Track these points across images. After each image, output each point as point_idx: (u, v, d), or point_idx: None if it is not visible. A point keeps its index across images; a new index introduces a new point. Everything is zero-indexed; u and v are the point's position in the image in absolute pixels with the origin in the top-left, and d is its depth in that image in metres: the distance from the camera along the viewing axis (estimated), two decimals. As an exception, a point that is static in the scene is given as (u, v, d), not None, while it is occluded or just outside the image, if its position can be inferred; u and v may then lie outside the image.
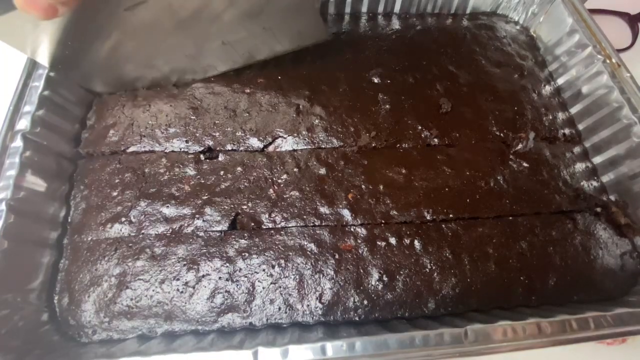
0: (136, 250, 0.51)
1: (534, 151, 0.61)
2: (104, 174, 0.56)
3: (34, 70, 0.55)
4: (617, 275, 0.54)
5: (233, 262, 0.50)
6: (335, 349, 0.40)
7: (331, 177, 0.57)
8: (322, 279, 0.50)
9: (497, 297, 0.50)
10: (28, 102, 0.53)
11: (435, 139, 0.61)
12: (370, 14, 0.76)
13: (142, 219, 0.53)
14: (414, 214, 0.54)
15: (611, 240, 0.56)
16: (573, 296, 0.52)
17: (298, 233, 0.52)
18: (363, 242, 0.52)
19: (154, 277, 0.49)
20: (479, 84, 0.68)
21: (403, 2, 0.75)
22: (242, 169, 0.57)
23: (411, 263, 0.51)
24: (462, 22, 0.77)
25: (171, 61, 0.60)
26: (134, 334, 0.47)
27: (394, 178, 0.57)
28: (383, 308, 0.49)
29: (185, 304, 0.48)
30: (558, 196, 0.58)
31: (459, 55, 0.71)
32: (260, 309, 0.48)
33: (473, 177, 0.58)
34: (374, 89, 0.65)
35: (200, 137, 0.59)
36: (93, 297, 0.49)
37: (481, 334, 0.41)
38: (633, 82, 0.59)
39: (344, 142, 0.60)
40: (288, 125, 0.61)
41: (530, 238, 0.54)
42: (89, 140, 0.59)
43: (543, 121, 0.65)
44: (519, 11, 0.78)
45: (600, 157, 0.62)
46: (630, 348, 0.56)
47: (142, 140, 0.58)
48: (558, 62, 0.70)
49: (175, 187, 0.55)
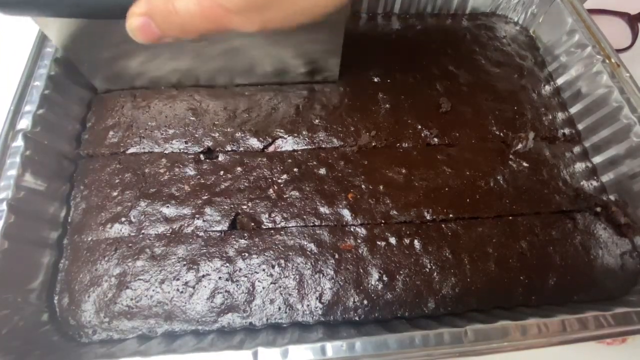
0: (136, 250, 0.51)
1: (533, 151, 0.61)
2: (104, 174, 0.56)
3: (35, 70, 0.55)
4: (617, 274, 0.54)
5: (233, 262, 0.50)
6: (335, 349, 0.40)
7: (331, 177, 0.57)
8: (322, 279, 0.50)
9: (497, 296, 0.50)
10: (29, 101, 0.53)
11: (435, 138, 0.61)
12: (369, 13, 0.77)
13: (142, 219, 0.53)
14: (414, 214, 0.54)
15: (611, 239, 0.56)
16: (573, 296, 0.52)
17: (298, 233, 0.53)
18: (363, 242, 0.52)
19: (154, 277, 0.49)
20: (479, 83, 0.68)
21: (403, 2, 0.75)
22: (242, 169, 0.57)
23: (411, 263, 0.51)
24: (462, 22, 0.77)
25: (179, 67, 0.60)
26: (134, 334, 0.47)
27: (393, 178, 0.57)
28: (383, 308, 0.49)
29: (185, 304, 0.48)
30: (558, 196, 0.58)
31: (459, 55, 0.71)
32: (260, 308, 0.48)
33: (473, 177, 0.58)
34: (374, 88, 0.65)
35: (200, 138, 0.59)
36: (93, 297, 0.49)
37: (481, 334, 0.41)
38: (633, 82, 0.59)
39: (344, 141, 0.60)
40: (288, 126, 0.61)
41: (530, 238, 0.54)
42: (89, 142, 0.59)
43: (543, 121, 0.65)
44: (518, 11, 0.78)
45: (600, 156, 0.62)
46: (631, 348, 0.56)
47: (141, 142, 0.58)
48: (557, 62, 0.70)
49: (175, 187, 0.55)
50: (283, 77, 0.63)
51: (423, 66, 0.69)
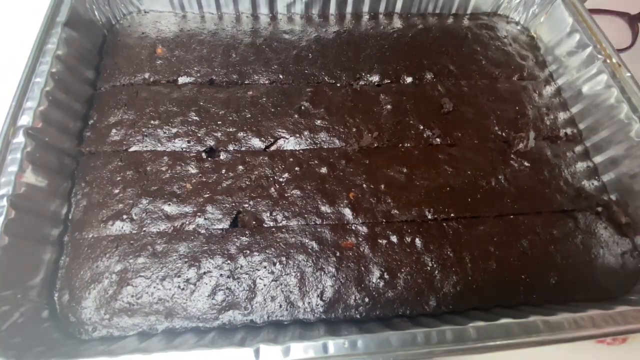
0: (137, 247, 0.51)
1: (535, 150, 0.61)
2: (106, 171, 0.56)
3: (36, 66, 0.55)
4: (618, 273, 0.54)
5: (234, 260, 0.50)
6: (337, 346, 0.39)
7: (332, 177, 0.57)
8: (323, 277, 0.50)
9: (498, 295, 0.50)
10: (30, 97, 0.52)
11: (437, 138, 0.61)
12: (371, 13, 0.77)
13: (143, 217, 0.53)
14: (415, 213, 0.54)
15: (612, 239, 0.56)
16: (574, 295, 0.52)
17: (299, 231, 0.52)
18: (364, 240, 0.52)
19: (155, 274, 0.49)
20: (480, 84, 0.68)
21: (404, 2, 0.75)
22: (243, 168, 0.57)
23: (412, 261, 0.51)
24: (463, 22, 0.77)
25: None
26: (135, 331, 0.47)
27: (395, 177, 0.57)
28: (384, 306, 0.49)
29: (186, 300, 0.48)
30: (559, 195, 0.58)
31: (460, 55, 0.71)
32: (261, 306, 0.48)
33: (474, 176, 0.58)
34: (376, 89, 0.65)
35: (202, 138, 0.59)
36: (94, 294, 0.48)
37: (483, 332, 0.41)
38: (633, 81, 0.60)
39: (346, 142, 0.60)
40: (290, 126, 0.61)
41: (531, 237, 0.54)
42: (91, 139, 0.59)
43: (544, 121, 0.65)
44: (519, 11, 0.78)
45: (600, 156, 0.62)
46: (631, 348, 0.56)
47: (144, 140, 0.58)
48: (558, 62, 0.70)
49: (177, 185, 0.55)
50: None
51: (424, 66, 0.69)
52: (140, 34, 0.69)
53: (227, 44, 0.69)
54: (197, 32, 0.70)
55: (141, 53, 0.67)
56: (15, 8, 0.81)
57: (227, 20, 0.73)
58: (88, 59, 0.64)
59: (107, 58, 0.66)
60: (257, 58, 0.67)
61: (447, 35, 0.74)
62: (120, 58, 0.66)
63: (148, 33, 0.70)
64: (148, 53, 0.67)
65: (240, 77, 0.65)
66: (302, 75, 0.66)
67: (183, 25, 0.71)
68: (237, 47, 0.68)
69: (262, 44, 0.69)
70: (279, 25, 0.73)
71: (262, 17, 0.74)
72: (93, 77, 0.64)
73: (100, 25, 0.69)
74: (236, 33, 0.71)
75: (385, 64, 0.68)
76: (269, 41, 0.70)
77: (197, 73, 0.65)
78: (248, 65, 0.66)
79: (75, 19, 0.62)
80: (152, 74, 0.64)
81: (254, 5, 0.73)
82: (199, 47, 0.68)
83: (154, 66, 0.65)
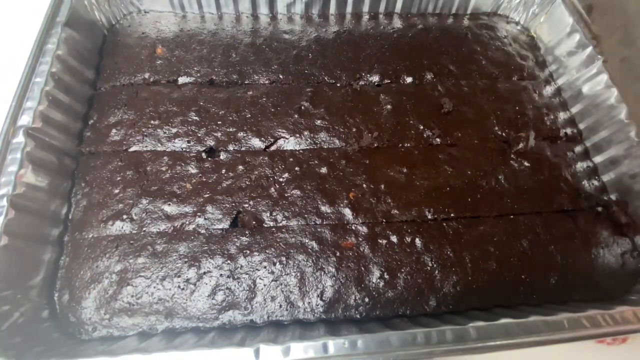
0: (137, 247, 0.51)
1: (535, 150, 0.61)
2: (106, 171, 0.56)
3: (36, 66, 0.55)
4: (618, 273, 0.54)
5: (234, 260, 0.50)
6: (337, 346, 0.39)
7: (332, 176, 0.57)
8: (323, 277, 0.50)
9: (498, 295, 0.50)
10: (30, 97, 0.52)
11: (437, 138, 0.61)
12: (371, 13, 0.77)
13: (143, 217, 0.53)
14: (415, 213, 0.54)
15: (612, 239, 0.56)
16: (574, 295, 0.52)
17: (299, 231, 0.52)
18: (364, 240, 0.52)
19: (155, 274, 0.49)
20: (480, 84, 0.68)
21: (404, 2, 0.75)
22: (243, 168, 0.57)
23: (412, 261, 0.51)
24: (463, 22, 0.77)
25: None
26: (135, 331, 0.47)
27: (395, 177, 0.57)
28: (384, 306, 0.49)
29: (186, 300, 0.48)
30: (559, 195, 0.58)
31: (460, 55, 0.71)
32: (261, 306, 0.48)
33: (474, 176, 0.58)
34: (376, 89, 0.65)
35: (202, 138, 0.59)
36: (94, 294, 0.48)
37: (483, 332, 0.41)
38: (633, 82, 0.60)
39: (346, 142, 0.60)
40: (290, 126, 0.61)
41: (531, 237, 0.54)
42: (91, 139, 0.59)
43: (544, 121, 0.65)
44: (519, 11, 0.78)
45: (600, 156, 0.62)
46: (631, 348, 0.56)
47: (144, 140, 0.58)
48: (558, 62, 0.70)
49: (177, 185, 0.55)
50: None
51: (424, 66, 0.69)
52: (140, 34, 0.69)
53: (227, 44, 0.69)
54: (197, 32, 0.70)
55: (141, 53, 0.67)
56: (15, 8, 0.81)
57: (227, 20, 0.73)
58: (88, 59, 0.64)
59: (107, 58, 0.66)
60: (257, 58, 0.67)
61: (447, 35, 0.74)
62: (120, 58, 0.66)
63: (148, 33, 0.70)
64: (148, 53, 0.67)
65: (240, 77, 0.65)
66: (302, 75, 0.66)
67: (183, 25, 0.71)
68: (237, 47, 0.68)
69: (262, 44, 0.69)
70: (279, 25, 0.73)
71: (262, 17, 0.74)
72: (93, 77, 0.64)
73: (100, 25, 0.69)
74: (236, 33, 0.71)
75: (385, 64, 0.68)
76: (269, 41, 0.70)
77: (197, 73, 0.65)
78: (248, 65, 0.66)
79: (75, 19, 0.62)
80: (152, 74, 0.64)
81: (254, 5, 0.73)
82: (199, 47, 0.68)
83: (154, 66, 0.65)
